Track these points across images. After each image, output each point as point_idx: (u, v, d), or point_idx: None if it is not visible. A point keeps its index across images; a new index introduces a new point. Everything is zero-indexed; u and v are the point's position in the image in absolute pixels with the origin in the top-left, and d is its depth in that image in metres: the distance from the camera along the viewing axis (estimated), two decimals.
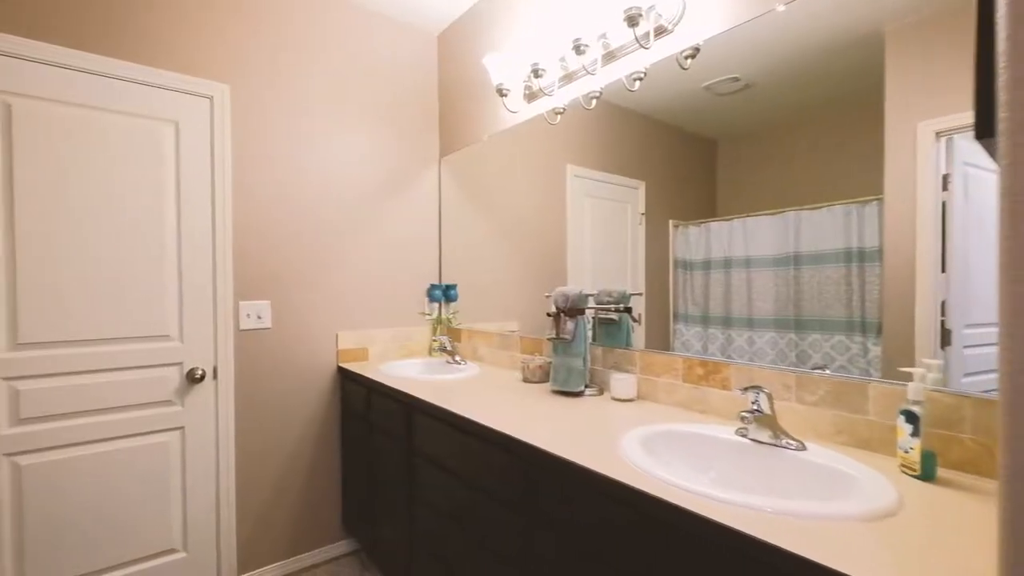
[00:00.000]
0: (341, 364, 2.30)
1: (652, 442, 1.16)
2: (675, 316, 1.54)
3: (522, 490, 1.22)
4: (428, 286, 2.62)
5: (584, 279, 1.87)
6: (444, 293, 2.61)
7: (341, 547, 2.32)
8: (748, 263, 1.35)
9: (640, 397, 1.59)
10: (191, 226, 1.92)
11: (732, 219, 1.39)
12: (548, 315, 1.75)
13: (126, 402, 1.79)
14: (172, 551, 1.89)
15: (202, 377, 1.93)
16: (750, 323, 1.34)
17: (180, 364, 1.90)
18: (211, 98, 1.97)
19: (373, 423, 2.01)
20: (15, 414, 1.61)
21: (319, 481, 2.26)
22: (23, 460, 1.62)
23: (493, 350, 2.28)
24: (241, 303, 2.04)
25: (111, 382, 1.76)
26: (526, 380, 1.89)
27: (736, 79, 1.38)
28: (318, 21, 2.24)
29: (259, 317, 2.08)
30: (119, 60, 1.77)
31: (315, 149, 2.24)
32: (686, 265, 1.51)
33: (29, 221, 1.63)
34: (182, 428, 1.91)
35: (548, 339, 1.69)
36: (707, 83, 1.44)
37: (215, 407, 1.98)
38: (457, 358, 2.28)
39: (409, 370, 2.29)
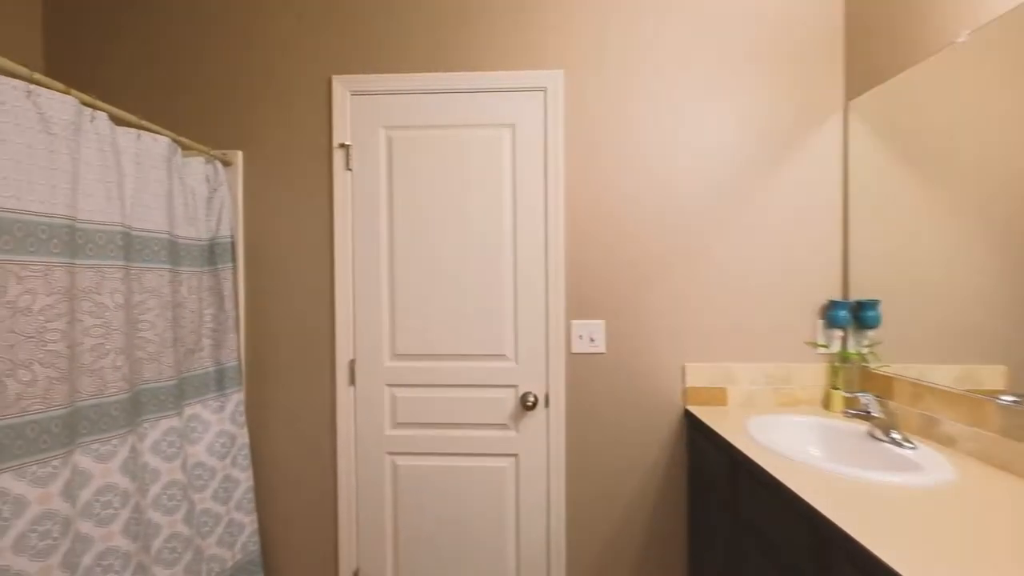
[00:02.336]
0: (689, 407, 1.72)
1: None
2: None
3: None
4: (825, 303, 1.71)
5: None
6: (855, 314, 1.65)
7: None
8: None
9: None
10: (525, 236, 1.75)
11: None
12: None
13: (469, 420, 1.76)
14: None
15: (534, 404, 1.73)
16: None
17: (515, 387, 1.76)
18: (544, 90, 1.74)
19: (742, 516, 1.34)
20: (394, 418, 1.78)
21: (659, 553, 1.75)
22: (399, 460, 1.78)
23: (979, 431, 1.20)
24: (573, 323, 1.75)
25: (458, 398, 1.76)
26: None
27: None
28: None
29: (592, 340, 1.74)
30: (458, 73, 1.74)
31: (659, 128, 1.73)
32: None
33: (400, 244, 1.76)
34: (516, 456, 1.76)
35: None
36: None
37: (546, 439, 1.75)
38: (895, 434, 1.31)
39: (800, 437, 1.49)
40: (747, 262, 1.73)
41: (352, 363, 1.77)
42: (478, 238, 1.75)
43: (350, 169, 1.76)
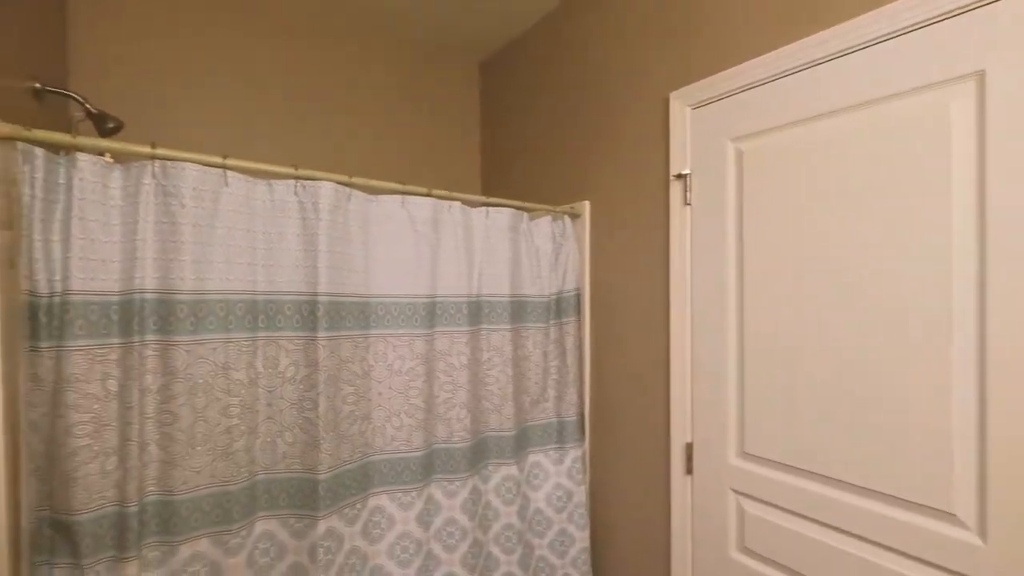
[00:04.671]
0: None
1: None
2: None
3: None
4: None
5: None
6: None
7: None
8: None
9: None
10: (1005, 287, 0.86)
11: None
12: None
13: None
14: None
15: None
16: None
17: None
18: None
19: None
20: (740, 538, 1.29)
21: None
22: None
23: None
24: None
25: (846, 552, 1.07)
26: None
27: None
28: None
29: None
30: (843, 25, 1.05)
31: None
32: None
33: (751, 298, 1.25)
34: None
35: None
36: None
37: None
38: None
39: None
40: None
41: (689, 447, 1.41)
42: (889, 295, 1.01)
43: (689, 204, 1.41)
